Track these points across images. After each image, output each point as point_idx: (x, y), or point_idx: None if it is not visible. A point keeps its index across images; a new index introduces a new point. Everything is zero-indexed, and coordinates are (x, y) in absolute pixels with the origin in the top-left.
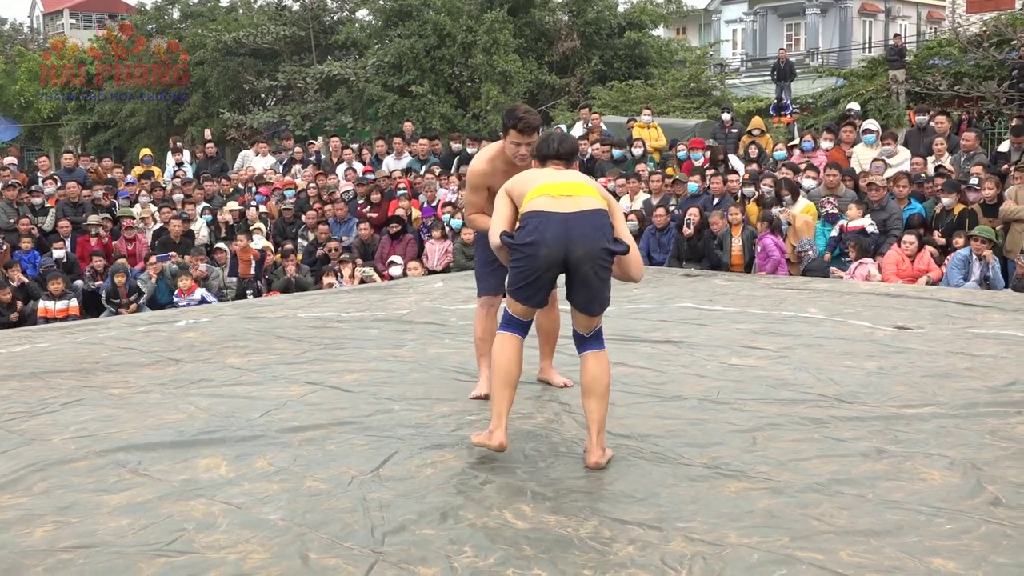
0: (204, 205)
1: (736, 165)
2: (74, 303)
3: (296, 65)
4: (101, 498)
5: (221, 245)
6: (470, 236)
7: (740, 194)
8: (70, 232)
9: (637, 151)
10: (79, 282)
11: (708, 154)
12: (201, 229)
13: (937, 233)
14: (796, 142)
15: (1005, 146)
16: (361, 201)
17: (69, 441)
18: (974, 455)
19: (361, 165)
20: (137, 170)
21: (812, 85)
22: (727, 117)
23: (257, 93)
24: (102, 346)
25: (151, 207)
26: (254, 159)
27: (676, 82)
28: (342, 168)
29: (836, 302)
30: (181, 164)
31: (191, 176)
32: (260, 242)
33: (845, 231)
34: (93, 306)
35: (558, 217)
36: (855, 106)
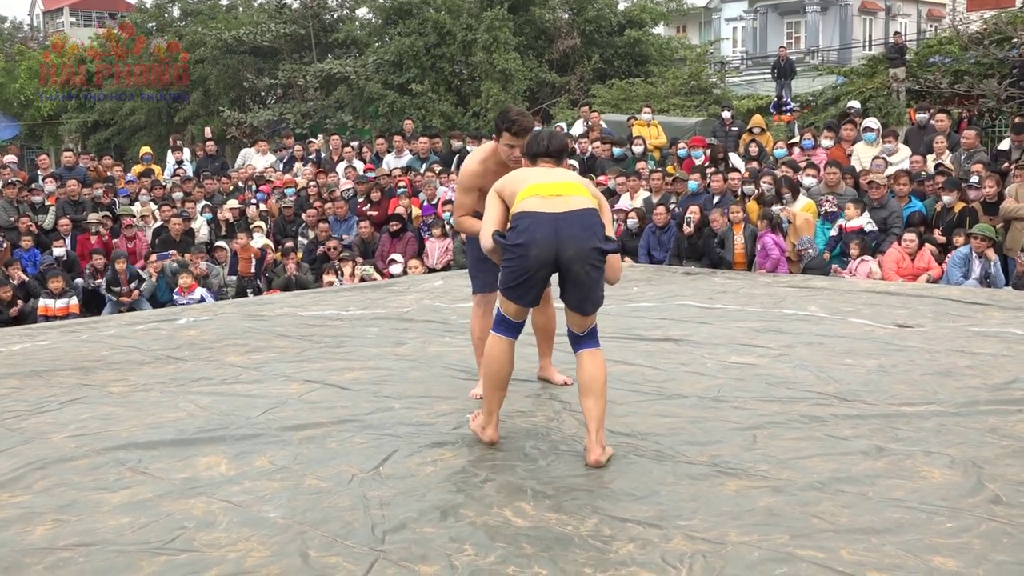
0: (204, 203)
1: (736, 163)
2: (74, 301)
3: (296, 63)
4: (101, 496)
5: (221, 243)
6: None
7: (740, 192)
8: (70, 230)
9: (637, 149)
10: (79, 280)
11: (708, 152)
12: (201, 227)
13: (937, 231)
14: (796, 140)
15: (1006, 144)
16: (361, 199)
17: (69, 439)
18: (974, 453)
19: (361, 163)
20: (137, 168)
21: (812, 83)
22: (727, 115)
23: (257, 91)
24: (102, 344)
25: (151, 205)
26: (255, 157)
27: (676, 80)
28: (342, 166)
29: (836, 300)
30: (181, 162)
31: (191, 174)
32: (260, 240)
33: (845, 231)
34: (93, 304)
35: (548, 217)
36: (855, 104)
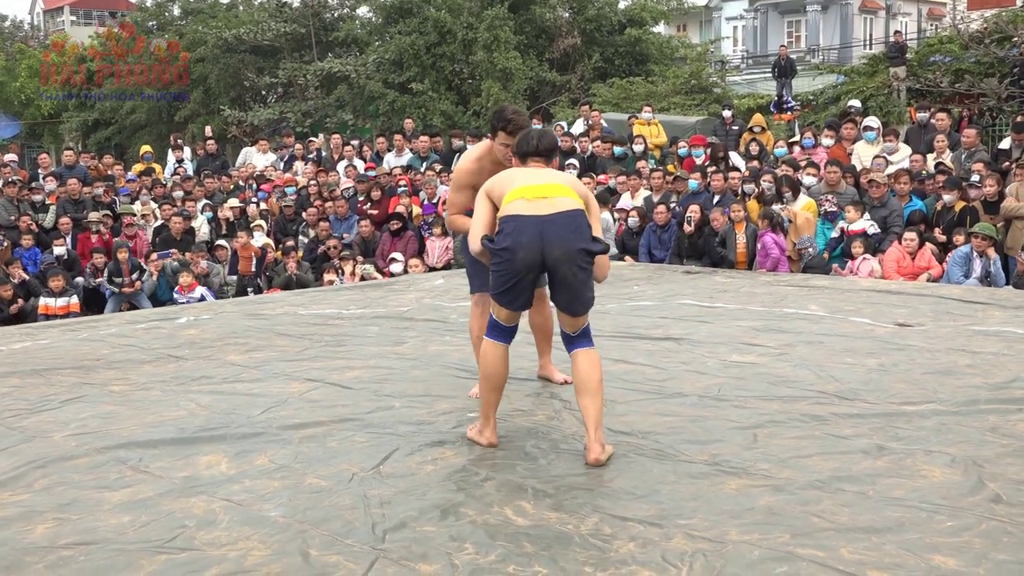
0: (205, 202)
1: (737, 162)
2: (75, 300)
3: (297, 62)
4: (102, 495)
5: (222, 242)
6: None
7: (740, 191)
8: (71, 229)
9: (638, 148)
10: (80, 279)
11: (709, 151)
12: (202, 226)
13: (938, 230)
14: (797, 139)
15: (1006, 143)
16: (362, 198)
17: (70, 438)
18: (975, 452)
19: (362, 162)
20: (138, 167)
21: (813, 82)
22: (728, 114)
23: (258, 90)
24: (103, 343)
25: (152, 204)
26: (255, 156)
27: (677, 79)
28: (343, 165)
29: (837, 299)
30: (182, 161)
31: (192, 173)
32: (261, 239)
33: (847, 234)
34: (94, 303)
35: (533, 220)
36: (856, 103)
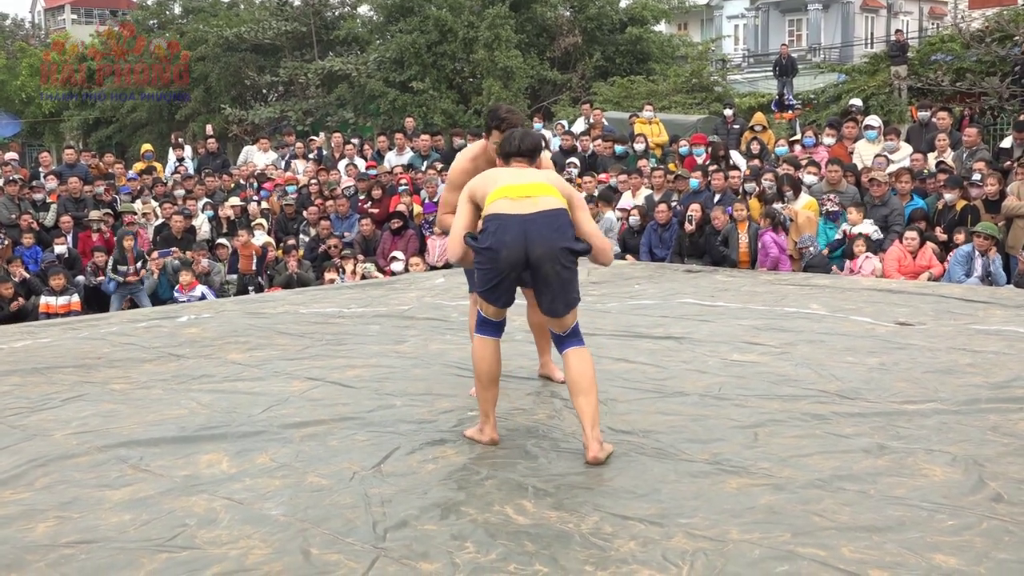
0: (205, 201)
1: (738, 161)
2: (75, 299)
3: (297, 61)
4: (103, 494)
5: (223, 241)
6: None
7: (741, 190)
8: (71, 228)
9: (639, 147)
10: (80, 278)
11: (710, 150)
12: (203, 225)
13: (939, 229)
14: (798, 138)
15: (1007, 142)
16: (362, 197)
17: (71, 437)
18: (976, 451)
19: (363, 161)
20: (138, 166)
21: (814, 81)
22: (729, 113)
23: (259, 89)
24: (104, 342)
25: (152, 203)
26: (256, 155)
27: (678, 78)
28: (344, 164)
29: (838, 298)
30: (182, 160)
31: (192, 172)
32: (262, 238)
33: (849, 237)
34: (95, 301)
35: (516, 219)
36: (857, 102)
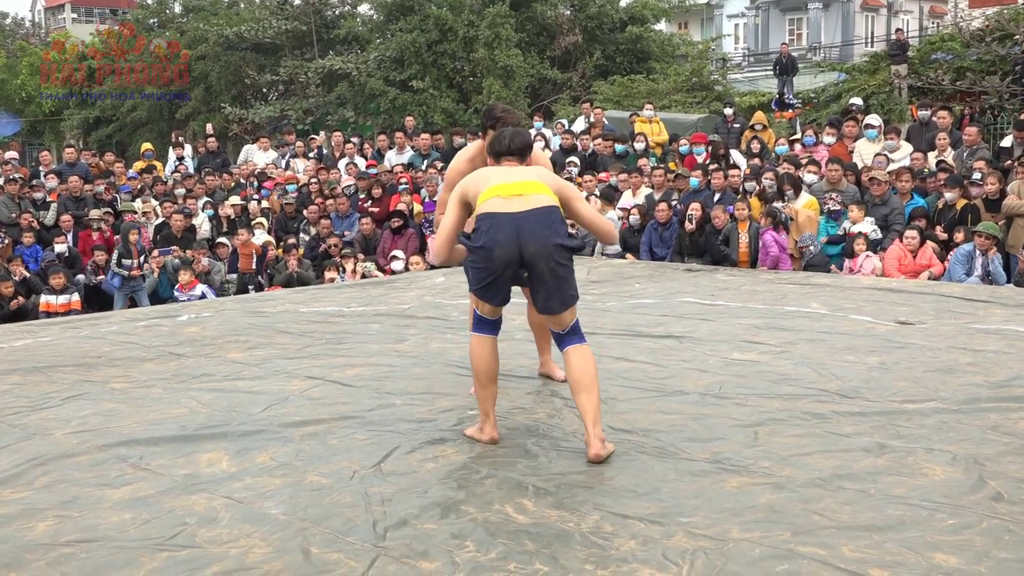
0: (206, 200)
1: (738, 160)
2: (76, 297)
3: (298, 59)
4: (103, 492)
5: (223, 240)
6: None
7: (742, 189)
8: (72, 227)
9: (639, 146)
10: (81, 276)
11: (710, 149)
12: (203, 224)
13: (939, 228)
14: (798, 137)
15: (1008, 141)
16: (363, 196)
17: (71, 436)
18: (976, 450)
19: (363, 160)
20: (139, 165)
21: (814, 80)
22: (729, 112)
23: (259, 87)
24: (104, 341)
25: (153, 201)
26: (256, 153)
27: (678, 77)
28: (344, 163)
29: (838, 297)
30: (182, 159)
31: (193, 170)
32: (262, 237)
33: (849, 236)
34: (95, 300)
35: (509, 217)
36: (857, 101)
